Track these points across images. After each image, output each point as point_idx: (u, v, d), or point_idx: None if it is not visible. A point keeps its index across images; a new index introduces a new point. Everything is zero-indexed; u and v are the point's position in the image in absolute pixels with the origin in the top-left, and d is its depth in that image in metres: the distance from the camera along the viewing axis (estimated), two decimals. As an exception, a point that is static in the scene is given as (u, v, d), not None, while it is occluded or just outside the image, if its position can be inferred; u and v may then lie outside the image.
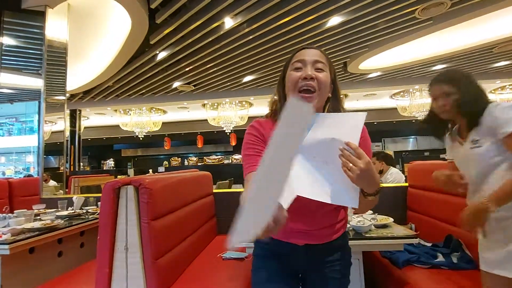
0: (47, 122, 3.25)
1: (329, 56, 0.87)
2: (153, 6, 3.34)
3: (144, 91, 6.50)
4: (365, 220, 1.37)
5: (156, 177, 1.54)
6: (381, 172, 2.97)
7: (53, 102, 3.28)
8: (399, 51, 4.89)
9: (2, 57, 3.27)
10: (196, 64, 5.03)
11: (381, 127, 10.09)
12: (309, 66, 0.80)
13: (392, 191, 2.31)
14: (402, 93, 7.26)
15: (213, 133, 9.37)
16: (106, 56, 4.64)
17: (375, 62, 5.37)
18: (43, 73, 3.17)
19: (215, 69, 5.29)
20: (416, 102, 6.96)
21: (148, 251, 1.32)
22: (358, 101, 8.22)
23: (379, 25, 3.94)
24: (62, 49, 3.34)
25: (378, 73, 6.07)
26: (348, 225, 1.00)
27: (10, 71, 3.23)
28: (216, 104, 7.59)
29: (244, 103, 7.71)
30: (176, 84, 6.06)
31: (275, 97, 0.90)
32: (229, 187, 4.35)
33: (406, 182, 2.60)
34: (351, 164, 0.63)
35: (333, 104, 0.86)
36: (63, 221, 2.00)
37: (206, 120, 8.16)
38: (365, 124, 0.74)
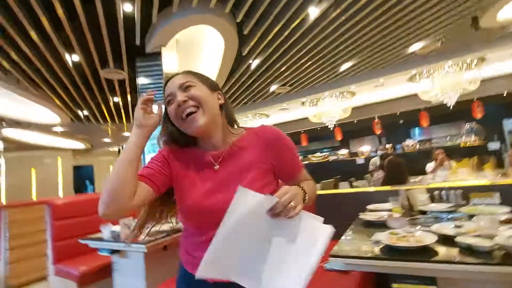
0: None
1: (451, 13, 0.68)
2: (238, 20, 3.54)
3: (246, 100, 7.01)
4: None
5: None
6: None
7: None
8: None
9: (140, 94, 4.19)
10: (288, 64, 5.01)
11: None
12: (178, 94, 0.79)
13: None
14: None
15: (317, 130, 9.13)
16: (210, 76, 5.26)
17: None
18: (163, 101, 3.89)
19: (309, 63, 5.12)
20: None
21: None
22: (503, 62, 6.18)
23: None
24: (175, 78, 4.00)
25: (533, 19, 4.37)
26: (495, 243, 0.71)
27: (145, 104, 4.14)
28: (315, 100, 7.35)
29: (345, 93, 7.15)
30: (273, 87, 6.24)
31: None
32: (335, 186, 4.06)
33: None
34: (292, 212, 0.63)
35: (227, 114, 0.86)
36: (184, 224, 2.33)
37: (307, 117, 8.02)
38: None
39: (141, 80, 4.13)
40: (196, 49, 4.39)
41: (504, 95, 7.52)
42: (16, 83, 4.53)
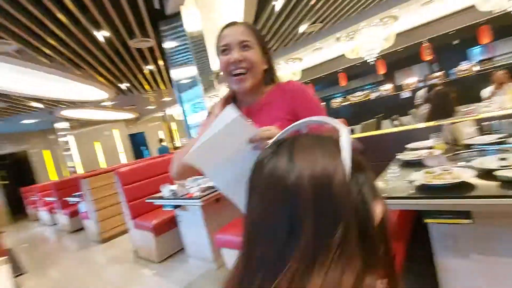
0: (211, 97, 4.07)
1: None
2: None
3: (275, 46, 6.67)
4: None
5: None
6: None
7: (207, 83, 4.04)
8: None
9: (168, 58, 4.27)
10: (316, -3, 4.54)
11: None
12: (235, 48, 0.80)
13: None
14: None
15: (355, 67, 8.46)
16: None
17: None
18: (194, 61, 3.93)
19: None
20: None
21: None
22: None
23: None
24: (200, 37, 3.94)
25: None
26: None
27: (176, 67, 4.22)
28: (352, 32, 6.66)
29: (386, 19, 6.32)
30: (302, 28, 5.79)
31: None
32: (377, 127, 3.88)
33: None
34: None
35: (269, 76, 0.87)
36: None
37: (343, 55, 7.42)
38: None
39: (167, 45, 4.17)
40: (216, 1, 4.18)
41: None
42: (62, 66, 4.93)
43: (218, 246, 1.94)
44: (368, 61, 6.99)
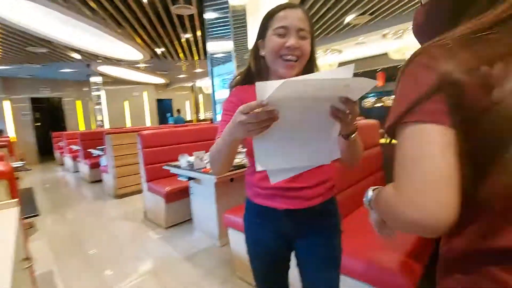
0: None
1: None
2: None
3: (317, 32, 6.38)
4: None
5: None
6: None
7: (242, 61, 3.94)
8: None
9: (207, 30, 4.19)
10: (371, -13, 4.22)
11: None
12: (293, 34, 0.78)
13: None
14: None
15: (397, 68, 7.97)
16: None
17: None
18: (232, 36, 3.82)
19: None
20: None
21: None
22: None
23: None
24: (242, 12, 3.80)
25: None
26: None
27: (213, 40, 4.14)
28: (401, 31, 6.22)
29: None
30: (348, 18, 5.46)
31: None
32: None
33: None
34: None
35: (309, 66, 0.85)
36: (248, 161, 2.52)
37: (387, 53, 6.99)
38: None
39: (208, 15, 4.07)
40: (264, -24, 3.99)
41: None
42: (104, 21, 4.99)
43: (226, 225, 1.93)
44: (412, 64, 6.54)
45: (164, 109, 13.01)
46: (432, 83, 0.39)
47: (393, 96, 0.46)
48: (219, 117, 4.41)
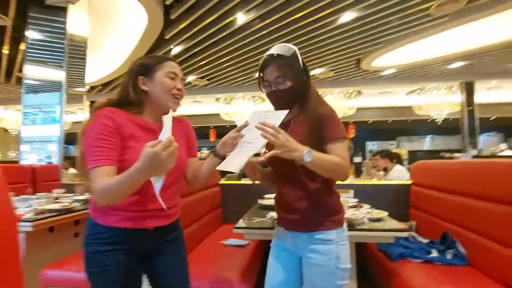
0: (68, 112, 3.44)
1: (341, 53, 1.02)
2: (167, 2, 3.45)
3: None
4: (359, 213, 1.42)
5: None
6: (385, 170, 2.96)
7: (74, 93, 3.47)
8: (415, 48, 4.78)
9: (27, 50, 3.47)
10: (210, 59, 5.13)
11: (395, 126, 9.89)
12: (179, 80, 0.97)
13: (395, 188, 2.33)
14: (418, 91, 7.08)
15: (226, 128, 9.50)
16: (124, 50, 4.82)
17: (389, 59, 5.27)
18: (65, 65, 3.36)
19: (229, 63, 5.37)
20: (433, 101, 6.78)
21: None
22: (372, 98, 8.08)
23: (393, 22, 3.88)
24: (83, 43, 3.51)
25: (393, 70, 5.96)
26: (345, 216, 1.06)
27: (34, 63, 3.44)
28: (229, 98, 7.68)
29: (257, 98, 7.77)
30: (190, 78, 6.20)
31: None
32: (239, 179, 4.45)
33: (411, 180, 2.60)
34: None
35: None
36: (79, 204, 2.16)
37: (219, 114, 8.28)
38: (379, 121, 0.96)
39: (32, 34, 3.44)
40: (113, 16, 3.97)
41: (370, 122, 9.78)
42: None
43: (44, 285, 1.52)
44: (237, 125, 8.06)
45: None
46: None
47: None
48: (29, 158, 3.47)
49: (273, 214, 1.48)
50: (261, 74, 1.06)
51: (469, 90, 6.12)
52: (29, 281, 1.85)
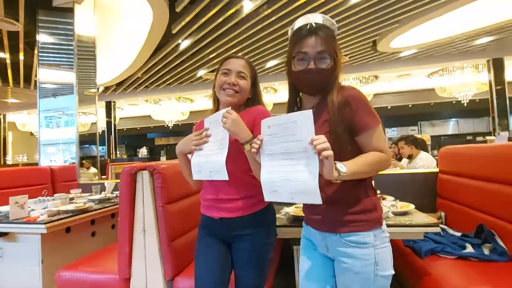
0: (86, 114, 3.49)
1: (356, 35, 0.86)
2: (172, -6, 3.37)
3: (171, 81, 6.67)
4: (383, 206, 1.29)
5: (170, 163, 1.58)
6: (410, 157, 2.77)
7: (88, 95, 3.50)
8: (435, 25, 4.43)
9: (39, 54, 3.51)
10: (218, 51, 5.03)
11: (417, 110, 9.42)
12: (233, 74, 1.01)
13: (422, 177, 2.16)
14: (440, 72, 6.65)
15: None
16: (133, 48, 4.81)
17: (408, 39, 4.95)
18: (75, 67, 3.37)
19: (238, 55, 5.24)
20: (457, 82, 6.36)
21: (164, 233, 1.37)
22: (390, 82, 7.70)
23: (410, -3, 3.60)
24: (91, 44, 3.50)
25: (412, 51, 5.61)
26: None
27: (47, 67, 3.47)
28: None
29: (269, 89, 7.62)
30: (200, 72, 6.13)
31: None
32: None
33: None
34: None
35: (251, 102, 1.07)
36: (94, 204, 2.16)
37: (232, 107, 8.22)
38: (399, 106, 0.85)
39: (43, 38, 3.47)
40: (120, 15, 3.94)
41: (389, 107, 9.37)
42: None
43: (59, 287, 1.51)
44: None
45: None
46: None
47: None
48: (44, 161, 3.56)
49: (288, 210, 1.38)
50: (293, 48, 0.84)
51: (498, 67, 5.66)
52: (47, 283, 1.88)
